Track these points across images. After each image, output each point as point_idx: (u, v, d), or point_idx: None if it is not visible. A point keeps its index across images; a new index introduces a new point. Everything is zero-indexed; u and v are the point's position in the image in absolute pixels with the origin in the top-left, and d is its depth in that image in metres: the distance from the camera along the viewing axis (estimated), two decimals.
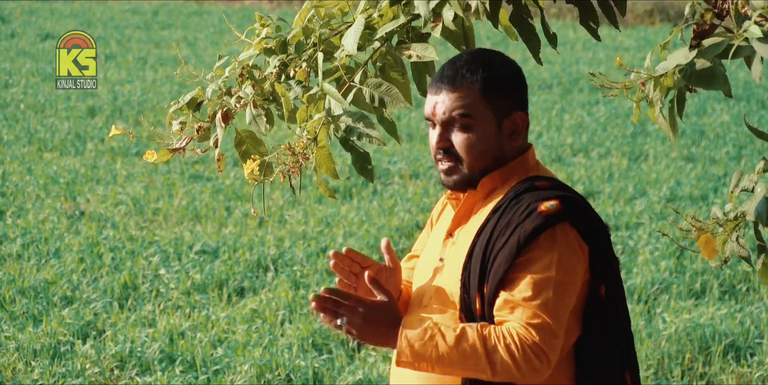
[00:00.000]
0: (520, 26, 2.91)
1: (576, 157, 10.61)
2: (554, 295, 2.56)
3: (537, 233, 2.59)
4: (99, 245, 7.40)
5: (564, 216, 2.61)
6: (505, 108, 2.71)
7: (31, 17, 18.81)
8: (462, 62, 2.72)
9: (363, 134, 2.77)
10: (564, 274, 2.58)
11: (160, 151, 3.01)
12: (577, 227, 2.62)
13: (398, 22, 2.83)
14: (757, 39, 2.53)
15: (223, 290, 6.71)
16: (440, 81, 2.72)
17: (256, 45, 2.94)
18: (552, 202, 2.62)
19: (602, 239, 2.68)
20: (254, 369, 5.53)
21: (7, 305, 6.33)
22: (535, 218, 2.60)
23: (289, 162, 2.82)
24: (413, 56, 2.83)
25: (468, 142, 2.69)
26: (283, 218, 8.29)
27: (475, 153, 2.70)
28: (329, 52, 2.91)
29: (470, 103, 2.68)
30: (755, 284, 6.94)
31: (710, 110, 12.70)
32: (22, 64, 14.75)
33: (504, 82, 2.72)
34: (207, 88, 2.99)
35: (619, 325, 2.70)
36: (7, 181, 9.11)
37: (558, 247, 2.59)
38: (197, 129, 2.99)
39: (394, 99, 2.80)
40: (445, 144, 2.71)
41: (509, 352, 2.52)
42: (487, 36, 17.12)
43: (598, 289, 2.65)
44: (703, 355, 5.89)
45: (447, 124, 2.70)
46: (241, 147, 2.99)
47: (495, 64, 2.72)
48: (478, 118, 2.69)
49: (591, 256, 2.64)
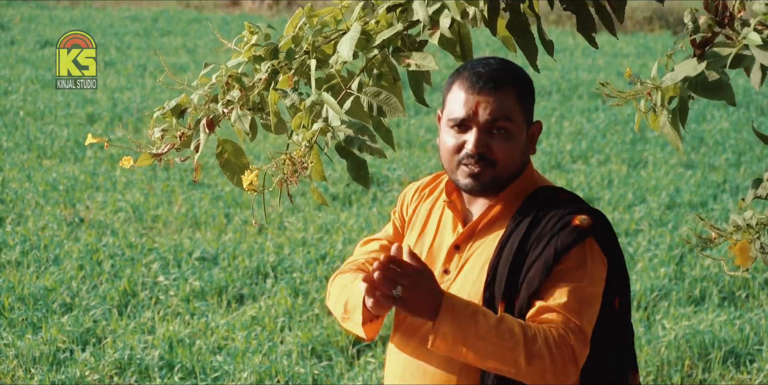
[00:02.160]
0: (517, 34, 2.91)
1: (575, 164, 10.61)
2: (585, 304, 2.59)
3: (572, 246, 2.62)
4: (98, 252, 7.40)
5: (593, 231, 2.65)
6: (530, 117, 2.75)
7: (31, 24, 18.82)
8: (496, 67, 2.72)
9: (364, 146, 2.75)
10: (593, 286, 2.62)
11: (141, 155, 2.99)
12: (599, 241, 2.65)
13: (395, 29, 2.82)
14: (757, 46, 2.53)
15: (222, 296, 6.70)
16: (480, 81, 2.69)
17: (245, 52, 2.92)
18: (584, 216, 2.66)
19: (619, 253, 2.72)
20: (254, 376, 5.52)
21: (7, 312, 6.33)
22: (571, 231, 2.63)
23: (288, 171, 2.81)
24: (412, 65, 2.81)
25: (508, 148, 2.69)
26: (282, 224, 8.29)
27: (511, 159, 2.70)
28: (321, 60, 2.89)
29: (512, 108, 2.69)
30: (755, 291, 6.94)
31: (710, 117, 12.70)
32: (22, 71, 14.76)
33: (529, 91, 2.75)
34: (192, 95, 2.97)
35: (628, 335, 2.74)
36: (7, 189, 9.11)
37: (588, 259, 2.63)
38: (180, 136, 2.96)
39: (392, 108, 2.78)
40: (483, 149, 2.68)
41: (548, 346, 2.51)
42: (486, 43, 17.13)
43: (613, 301, 2.68)
44: (702, 361, 5.89)
45: (487, 128, 2.68)
46: (222, 157, 2.96)
47: (522, 73, 2.75)
48: (517, 123, 2.69)
49: (609, 269, 2.67)
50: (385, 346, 5.97)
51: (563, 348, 2.52)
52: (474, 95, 2.68)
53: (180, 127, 2.95)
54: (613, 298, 2.68)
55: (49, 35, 17.56)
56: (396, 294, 2.51)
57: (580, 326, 2.56)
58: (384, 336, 6.09)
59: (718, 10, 2.63)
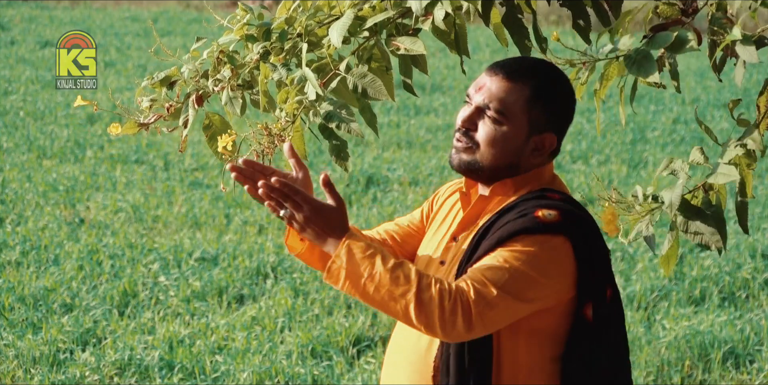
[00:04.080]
0: (512, 27, 2.91)
1: (575, 165, 10.62)
2: (510, 278, 2.51)
3: (523, 233, 2.56)
4: (98, 252, 7.40)
5: (560, 229, 2.57)
6: (540, 124, 2.68)
7: (31, 25, 18.83)
8: (530, 62, 2.71)
9: (342, 122, 2.76)
10: (532, 271, 2.53)
11: (127, 123, 2.99)
12: (573, 243, 2.58)
13: (388, 13, 2.82)
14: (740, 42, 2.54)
15: (222, 297, 6.70)
16: (501, 67, 2.69)
17: (237, 30, 2.93)
18: (551, 211, 2.59)
19: (599, 261, 2.63)
20: (254, 376, 5.52)
21: (7, 312, 6.33)
22: (528, 220, 2.57)
23: (265, 142, 2.82)
24: (401, 49, 2.81)
25: (490, 135, 2.66)
26: (282, 225, 8.29)
27: (492, 148, 2.66)
28: (313, 42, 2.89)
29: (514, 101, 2.65)
30: (755, 291, 6.94)
31: (709, 117, 12.71)
32: (22, 72, 14.76)
33: (552, 100, 2.69)
34: (183, 68, 2.97)
35: (605, 349, 2.63)
36: (7, 189, 9.11)
37: (541, 251, 2.55)
38: (168, 108, 2.97)
39: (376, 91, 2.77)
40: (469, 126, 2.68)
41: (440, 296, 2.45)
42: (486, 43, 17.13)
43: (583, 309, 2.59)
44: (702, 362, 5.88)
45: (480, 110, 2.67)
46: (209, 130, 2.97)
47: (556, 81, 2.70)
48: (512, 120, 2.65)
49: (580, 275, 2.58)
50: (384, 346, 5.98)
51: (457, 302, 2.44)
52: (486, 76, 2.69)
53: (168, 99, 2.96)
54: (583, 306, 2.59)
55: (49, 35, 17.57)
56: (283, 215, 2.53)
57: (488, 288, 2.47)
58: (384, 336, 6.10)
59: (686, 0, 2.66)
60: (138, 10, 21.48)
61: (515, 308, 2.52)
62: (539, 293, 2.54)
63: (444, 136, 11.67)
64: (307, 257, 2.79)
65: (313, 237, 2.54)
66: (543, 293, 2.55)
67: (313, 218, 2.52)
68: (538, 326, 2.60)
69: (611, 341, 2.65)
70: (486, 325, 2.48)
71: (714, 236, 2.86)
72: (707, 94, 13.98)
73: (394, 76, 2.94)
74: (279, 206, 2.54)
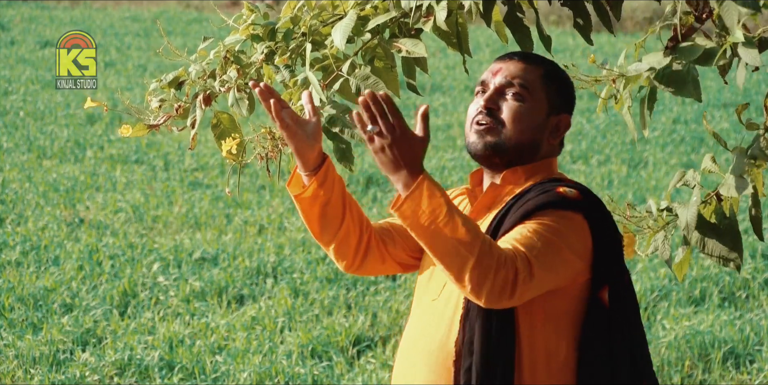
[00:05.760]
0: (514, 26, 2.92)
1: (575, 165, 10.62)
2: (543, 248, 2.51)
3: (548, 207, 2.57)
4: (98, 252, 7.40)
5: (580, 207, 2.60)
6: (557, 104, 2.73)
7: (31, 25, 18.82)
8: (533, 54, 2.78)
9: (346, 127, 2.76)
10: (559, 239, 2.54)
11: (136, 125, 3.00)
12: (589, 221, 2.59)
13: (390, 15, 2.83)
14: (742, 44, 2.54)
15: (222, 297, 6.70)
16: (513, 53, 2.75)
17: (242, 30, 2.94)
18: (572, 190, 2.62)
19: (614, 244, 2.65)
20: (254, 376, 5.52)
21: (7, 312, 6.33)
22: (551, 195, 2.60)
23: (268, 146, 2.82)
24: (403, 51, 2.82)
25: (517, 111, 2.68)
26: (282, 225, 8.29)
27: (518, 123, 2.68)
28: (318, 42, 2.90)
29: (533, 79, 2.70)
30: (755, 291, 6.94)
31: (710, 117, 12.70)
32: (22, 72, 14.76)
33: (564, 83, 2.77)
34: (190, 68, 2.98)
35: (625, 332, 2.63)
36: (7, 189, 9.11)
37: (565, 223, 2.56)
38: (177, 108, 2.98)
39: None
40: (492, 105, 2.69)
41: (497, 265, 2.43)
42: (486, 43, 17.14)
43: (599, 292, 2.60)
44: (702, 362, 5.88)
45: (500, 91, 2.70)
46: (217, 129, 2.98)
47: (561, 70, 2.78)
48: (534, 95, 2.69)
49: (596, 255, 2.60)
50: (385, 346, 5.98)
51: (509, 272, 2.43)
52: (501, 62, 2.74)
53: (177, 99, 2.98)
54: (599, 289, 2.60)
55: (49, 35, 17.56)
56: (371, 130, 2.44)
57: (529, 258, 2.47)
58: (384, 337, 6.10)
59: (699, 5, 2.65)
60: (138, 10, 21.48)
61: (547, 280, 2.53)
62: (565, 267, 2.56)
63: (444, 136, 11.67)
64: (307, 203, 2.69)
65: (388, 162, 2.45)
66: (567, 266, 2.56)
67: (399, 143, 2.44)
68: (551, 309, 2.60)
69: (630, 327, 2.65)
70: (522, 296, 2.49)
71: (732, 254, 2.87)
72: (707, 95, 13.97)
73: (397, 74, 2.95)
74: (371, 120, 2.44)
